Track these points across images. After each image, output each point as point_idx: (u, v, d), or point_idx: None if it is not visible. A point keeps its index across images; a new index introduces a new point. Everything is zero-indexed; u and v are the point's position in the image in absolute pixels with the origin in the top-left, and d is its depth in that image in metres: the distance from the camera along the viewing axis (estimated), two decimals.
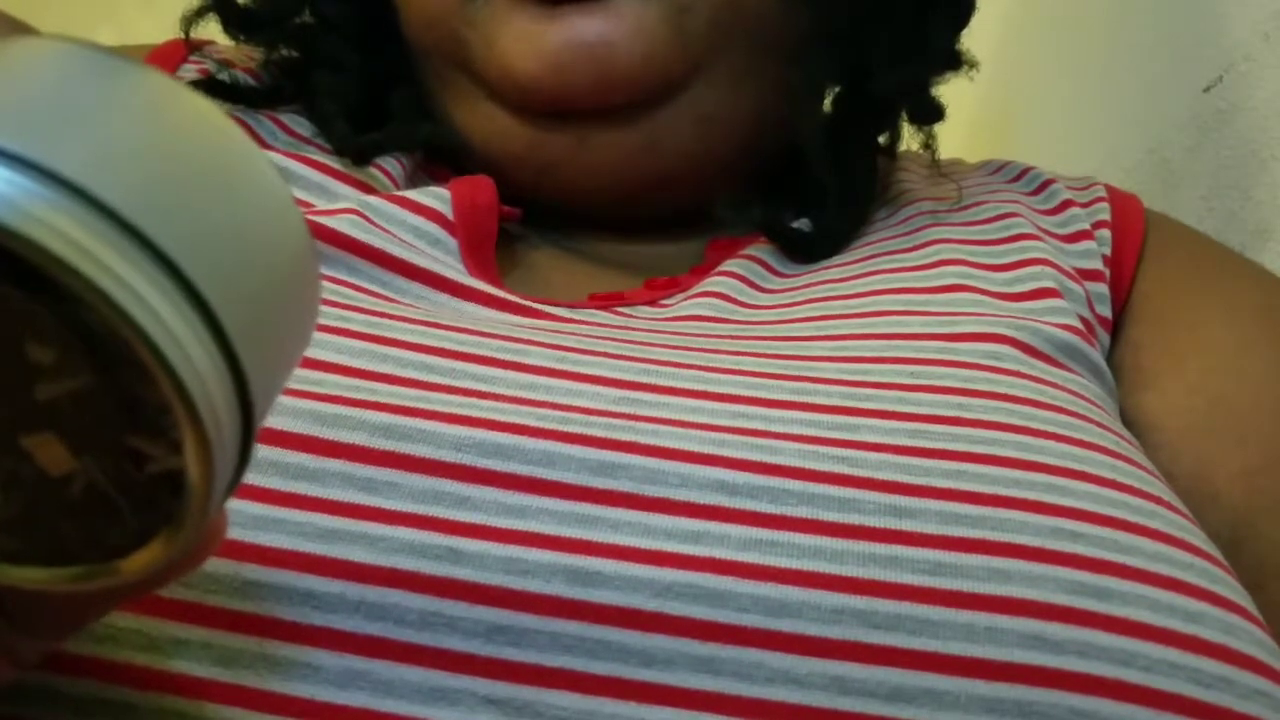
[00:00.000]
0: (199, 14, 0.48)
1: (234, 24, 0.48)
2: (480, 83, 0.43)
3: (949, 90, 0.49)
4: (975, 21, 0.49)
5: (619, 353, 0.34)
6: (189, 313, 0.18)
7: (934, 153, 0.48)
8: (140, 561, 0.20)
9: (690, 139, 0.43)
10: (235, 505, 0.28)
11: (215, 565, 0.27)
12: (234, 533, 0.27)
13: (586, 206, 0.45)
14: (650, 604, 0.27)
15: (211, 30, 0.49)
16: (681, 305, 0.39)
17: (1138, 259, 0.43)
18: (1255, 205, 0.53)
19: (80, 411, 0.19)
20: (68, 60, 0.19)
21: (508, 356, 0.33)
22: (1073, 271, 0.41)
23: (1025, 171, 0.48)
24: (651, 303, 0.40)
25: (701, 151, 0.44)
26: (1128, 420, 0.39)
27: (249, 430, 0.19)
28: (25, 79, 0.18)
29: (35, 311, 0.18)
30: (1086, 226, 0.44)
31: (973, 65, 0.48)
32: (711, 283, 0.40)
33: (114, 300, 0.17)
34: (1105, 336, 0.41)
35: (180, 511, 0.19)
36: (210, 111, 0.20)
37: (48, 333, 0.18)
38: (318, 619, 0.27)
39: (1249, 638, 0.30)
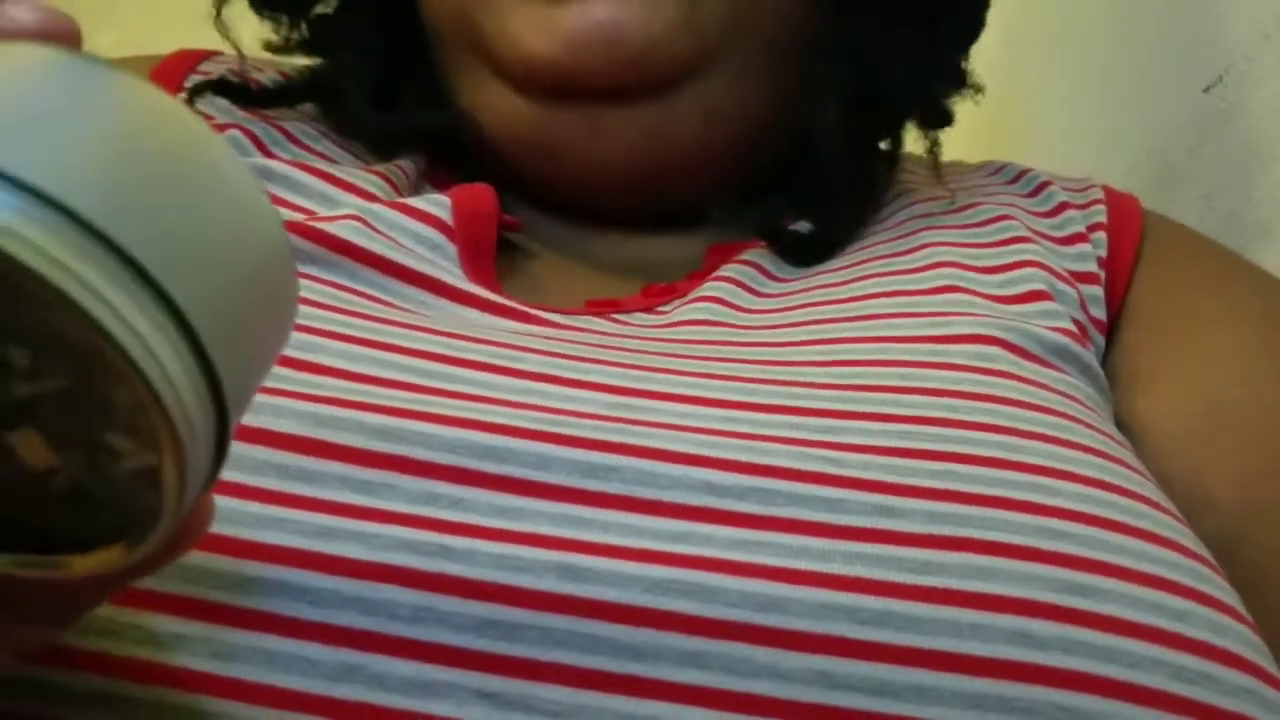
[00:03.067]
0: None
1: (261, 1, 0.49)
2: (491, 64, 0.44)
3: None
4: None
5: (613, 359, 0.34)
6: (156, 314, 0.18)
7: (937, 157, 0.48)
8: (117, 553, 0.20)
9: (697, 129, 0.44)
10: (233, 504, 0.28)
11: (214, 562, 0.28)
12: (232, 530, 0.28)
13: (590, 196, 0.45)
14: (640, 599, 0.28)
15: (239, 10, 0.49)
16: (678, 312, 0.40)
17: (1134, 262, 0.44)
18: (1255, 205, 0.53)
19: (59, 409, 0.19)
20: (36, 64, 0.19)
21: (503, 361, 0.33)
22: (1066, 274, 0.42)
23: (1023, 174, 0.48)
24: (648, 309, 0.41)
25: (706, 144, 0.44)
26: (1123, 424, 0.39)
27: (224, 426, 0.19)
28: None
29: (6, 315, 0.18)
30: (1082, 229, 0.44)
31: (978, 90, 0.49)
32: (708, 289, 0.41)
33: (80, 305, 0.18)
34: (1100, 338, 0.42)
35: (157, 505, 0.19)
36: (182, 114, 0.20)
37: (21, 335, 0.18)
38: (313, 614, 0.27)
39: (1236, 636, 0.30)
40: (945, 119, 0.48)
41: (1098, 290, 0.42)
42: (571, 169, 0.44)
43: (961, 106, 0.50)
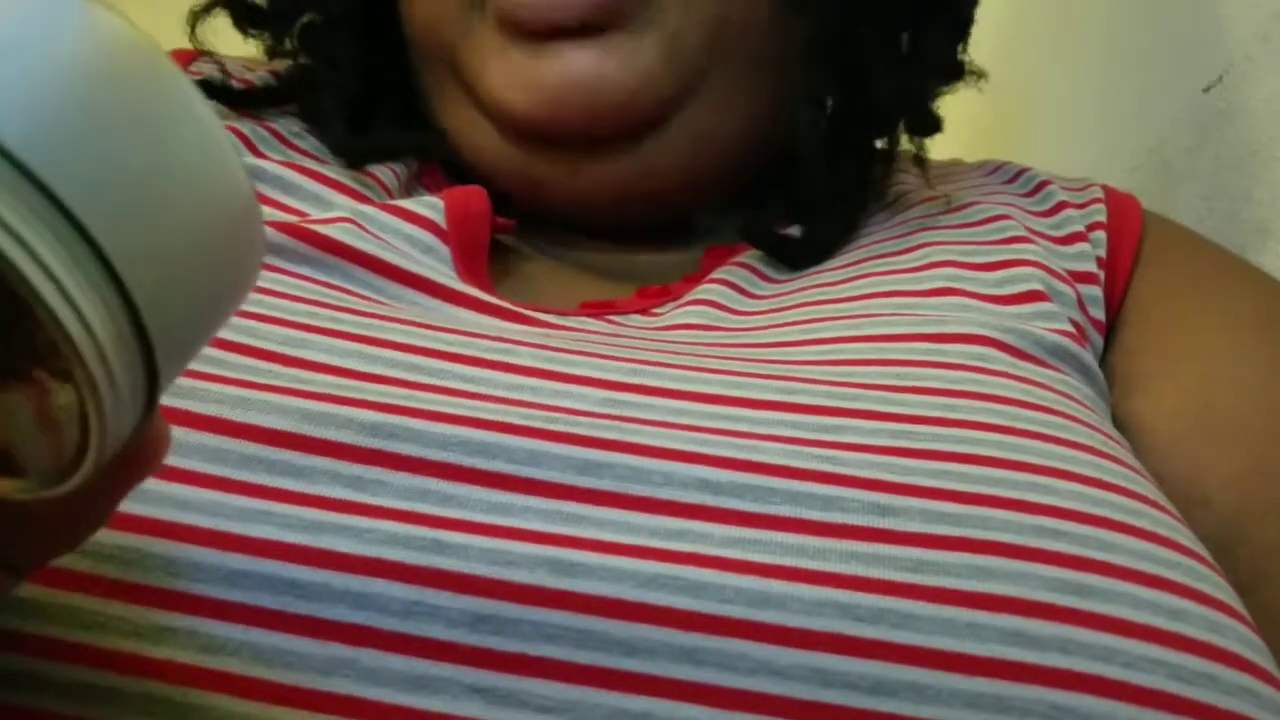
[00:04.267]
0: (206, 9, 0.49)
1: (243, 18, 0.49)
2: (472, 96, 0.44)
3: (950, 92, 0.50)
4: (975, 23, 0.49)
5: (607, 354, 0.34)
6: (78, 253, 0.18)
7: (926, 165, 0.48)
8: (19, 485, 0.20)
9: (685, 156, 0.43)
10: (220, 498, 0.28)
11: (200, 555, 0.27)
12: (219, 524, 0.28)
13: (578, 221, 0.45)
14: (634, 594, 0.28)
15: (215, 24, 0.49)
16: (672, 315, 0.40)
17: (1133, 262, 0.43)
18: (1255, 205, 0.53)
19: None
20: None
21: (495, 357, 0.33)
22: (1064, 273, 0.41)
23: (1021, 173, 0.48)
24: (643, 311, 0.41)
25: (696, 168, 0.44)
26: (1121, 424, 0.39)
27: (152, 373, 0.19)
28: None
29: None
30: (1081, 228, 0.44)
31: (980, 76, 0.49)
32: (702, 291, 0.41)
33: None
34: (1098, 338, 0.41)
35: (83, 442, 0.19)
36: (143, 47, 0.19)
37: None
38: (302, 608, 0.27)
39: (1234, 635, 0.30)
40: (933, 125, 0.47)
41: (1096, 290, 0.42)
42: (555, 204, 0.44)
43: (961, 108, 0.50)
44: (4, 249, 0.17)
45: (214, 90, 0.46)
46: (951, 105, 0.50)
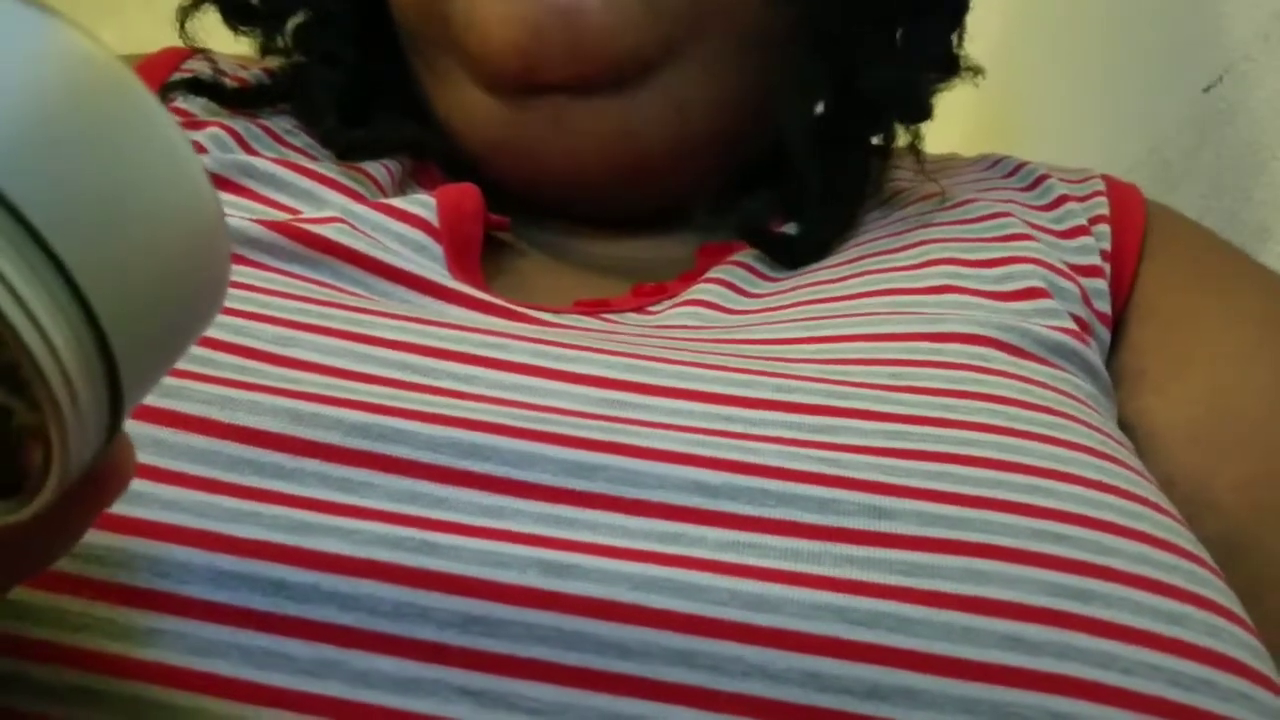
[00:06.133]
0: (196, 6, 0.48)
1: (233, 15, 0.49)
2: (461, 63, 0.44)
3: (949, 90, 0.49)
4: (975, 21, 0.49)
5: (601, 350, 0.34)
6: (42, 271, 0.17)
7: (920, 155, 0.48)
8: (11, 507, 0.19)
9: (667, 123, 0.43)
10: (207, 499, 0.28)
11: (189, 556, 0.27)
12: (206, 525, 0.28)
13: (570, 198, 0.44)
14: (627, 596, 0.27)
15: (208, 23, 0.49)
16: (668, 314, 0.39)
17: (1139, 254, 0.43)
18: (1255, 205, 0.53)
19: None
20: None
21: (487, 353, 0.33)
22: (1066, 268, 0.41)
23: (1020, 166, 0.48)
24: (638, 309, 0.40)
25: (678, 137, 0.44)
26: (1128, 424, 0.39)
27: (117, 394, 0.19)
28: None
29: None
30: (1083, 221, 0.43)
31: (977, 72, 0.48)
32: (698, 290, 0.40)
33: None
34: (1105, 333, 0.41)
35: (46, 464, 0.19)
36: (106, 62, 0.19)
37: None
38: (291, 609, 0.27)
39: (1234, 640, 0.30)
40: (924, 111, 0.47)
41: (1102, 284, 0.42)
42: (544, 168, 0.44)
43: (961, 108, 0.50)
44: None
45: (205, 88, 0.46)
46: (952, 105, 0.49)
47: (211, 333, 0.31)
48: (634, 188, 0.44)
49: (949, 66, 0.47)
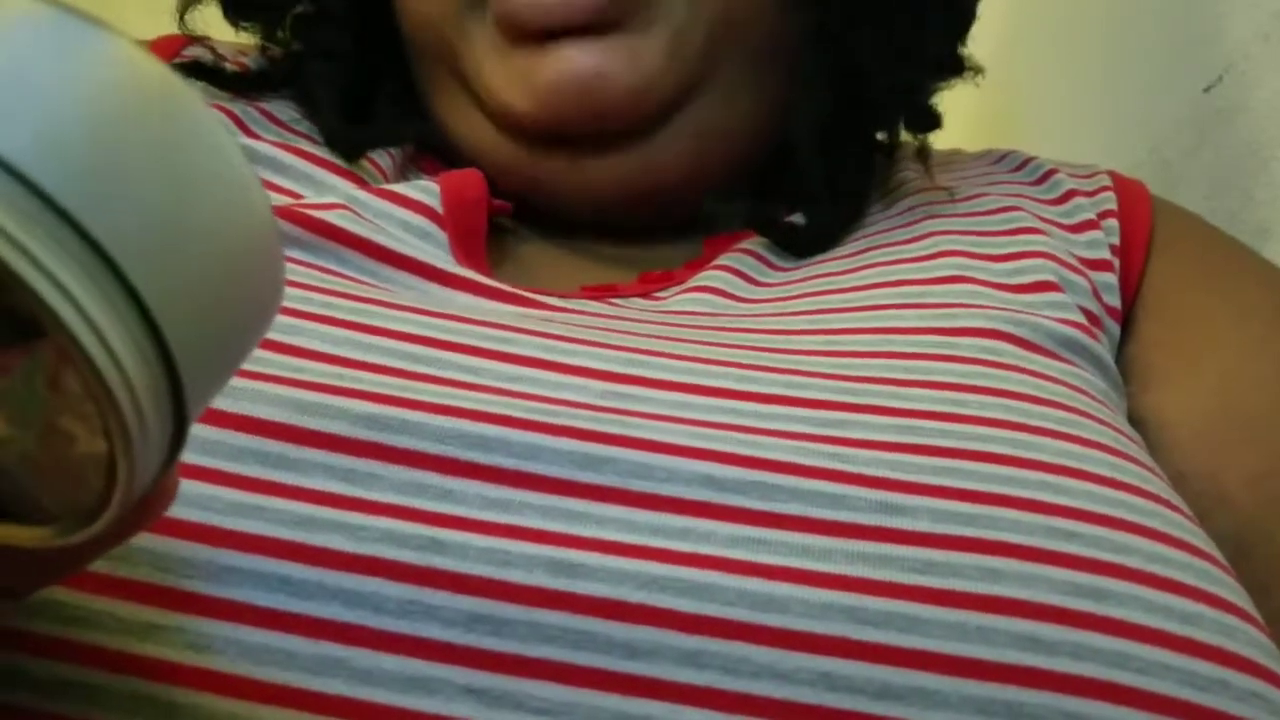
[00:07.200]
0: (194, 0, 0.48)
1: (234, 9, 0.48)
2: (471, 93, 0.43)
3: (950, 90, 0.49)
4: (976, 21, 0.49)
5: (608, 342, 0.33)
6: (117, 301, 0.17)
7: (928, 160, 0.48)
8: (44, 534, 0.19)
9: (689, 153, 0.43)
10: (211, 491, 0.27)
11: (190, 550, 0.27)
12: (210, 519, 0.27)
13: (579, 215, 0.44)
14: (635, 596, 0.27)
15: (208, 16, 0.49)
16: (675, 300, 0.39)
17: (1147, 249, 0.43)
18: (1255, 205, 0.53)
19: (16, 386, 0.18)
20: (27, 24, 0.18)
21: (494, 345, 0.32)
22: (1076, 263, 0.41)
23: (1027, 161, 0.48)
24: (645, 295, 0.40)
25: (700, 163, 0.43)
26: (1139, 419, 0.39)
27: (181, 420, 0.19)
28: None
29: None
30: (1092, 216, 0.43)
31: (978, 71, 0.48)
32: (706, 277, 0.40)
33: (30, 285, 0.17)
34: (1114, 327, 0.41)
35: (105, 492, 0.19)
36: (174, 85, 0.19)
37: None
38: (294, 605, 0.26)
39: (1246, 639, 0.29)
40: (932, 121, 0.47)
41: (1111, 278, 0.41)
42: (556, 200, 0.43)
43: (961, 107, 0.49)
44: (48, 298, 0.17)
45: (205, 72, 0.46)
46: (952, 105, 0.49)
47: None
48: (649, 208, 0.44)
49: (953, 68, 0.47)
